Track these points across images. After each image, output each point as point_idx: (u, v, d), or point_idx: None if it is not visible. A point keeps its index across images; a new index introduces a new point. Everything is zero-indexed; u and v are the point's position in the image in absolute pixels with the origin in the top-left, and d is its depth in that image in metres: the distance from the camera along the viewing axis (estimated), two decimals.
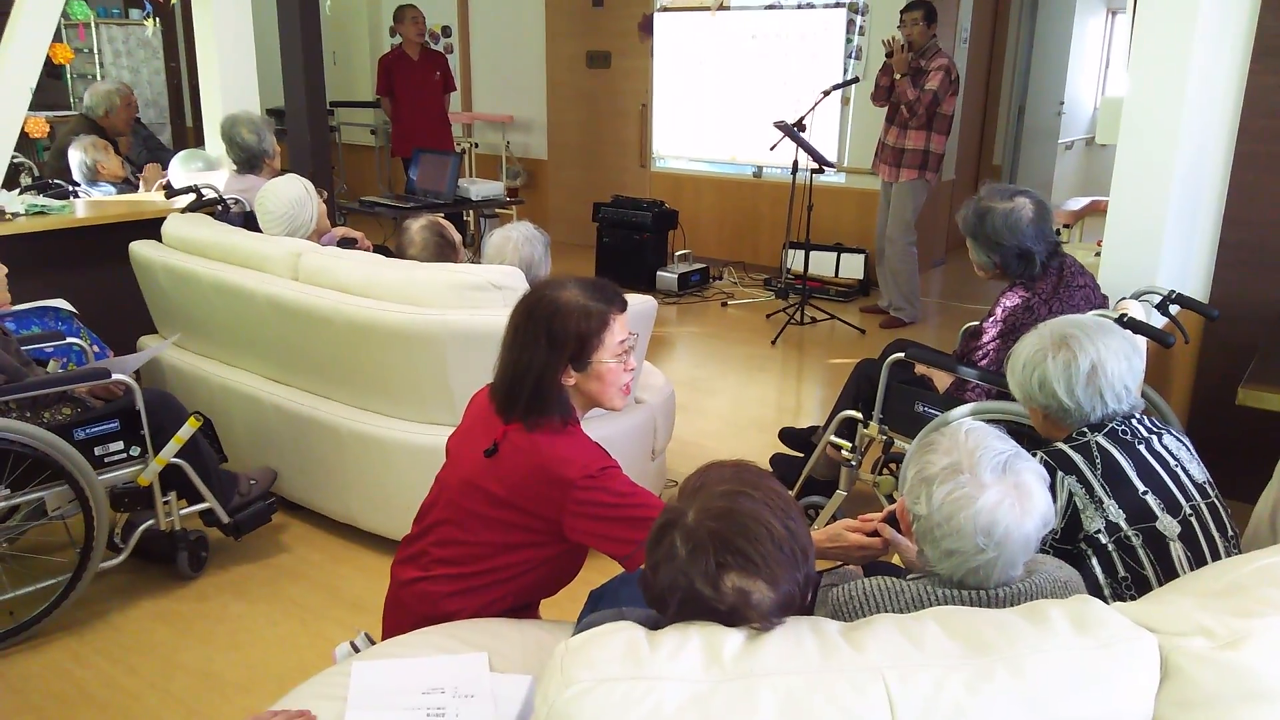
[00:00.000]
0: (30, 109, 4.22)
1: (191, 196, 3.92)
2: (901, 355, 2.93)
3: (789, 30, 6.82)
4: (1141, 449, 1.87)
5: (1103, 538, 1.81)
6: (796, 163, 5.81)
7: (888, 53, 5.70)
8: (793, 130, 5.65)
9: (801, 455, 3.60)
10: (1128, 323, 2.45)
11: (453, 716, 1.65)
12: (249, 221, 3.72)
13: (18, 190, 4.49)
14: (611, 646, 1.19)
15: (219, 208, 3.84)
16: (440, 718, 1.65)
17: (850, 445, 3.11)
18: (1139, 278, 3.07)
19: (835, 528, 1.87)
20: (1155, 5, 3.01)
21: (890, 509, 1.82)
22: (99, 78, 8.57)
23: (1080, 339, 1.91)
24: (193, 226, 3.63)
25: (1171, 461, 1.88)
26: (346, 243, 3.71)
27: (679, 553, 1.26)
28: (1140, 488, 1.83)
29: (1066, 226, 5.03)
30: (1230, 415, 2.81)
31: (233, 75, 4.87)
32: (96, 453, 2.77)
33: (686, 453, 4.01)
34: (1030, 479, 1.46)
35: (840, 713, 1.12)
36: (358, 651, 1.97)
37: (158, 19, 4.95)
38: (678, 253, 6.89)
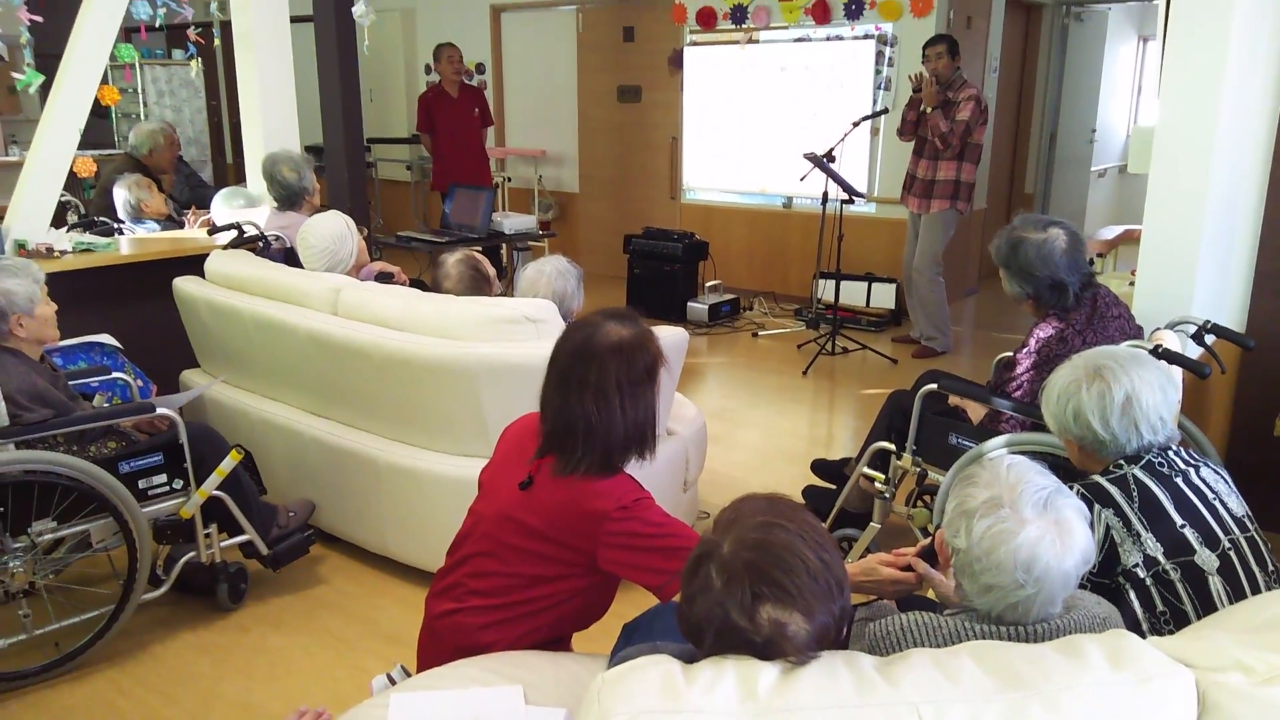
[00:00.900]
0: (77, 148, 4.34)
1: (233, 233, 4.01)
2: (934, 386, 2.93)
3: (818, 62, 6.87)
4: (1179, 482, 1.86)
5: (1140, 572, 1.80)
6: (826, 193, 5.83)
7: (915, 88, 5.73)
8: (823, 161, 5.68)
9: (834, 487, 3.59)
10: (1163, 353, 2.43)
11: None
12: (290, 258, 3.79)
13: (65, 228, 4.61)
14: (648, 680, 1.20)
15: (260, 244, 3.92)
16: None
17: (884, 477, 3.09)
18: (1173, 307, 3.05)
19: (868, 561, 1.87)
20: (1186, 32, 3.00)
21: (925, 543, 1.81)
22: (143, 117, 8.79)
23: (1114, 370, 1.91)
24: (235, 263, 3.71)
25: (1209, 494, 1.86)
26: (383, 277, 3.77)
27: (714, 584, 1.27)
28: (1178, 521, 1.81)
29: (1100, 256, 5.00)
30: (1268, 446, 2.77)
31: (274, 114, 4.98)
32: (140, 486, 2.83)
33: (718, 484, 4.01)
34: (1071, 515, 1.45)
35: None
36: (394, 684, 1.99)
37: (199, 59, 5.06)
38: (708, 283, 6.92)
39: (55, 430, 2.71)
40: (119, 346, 3.76)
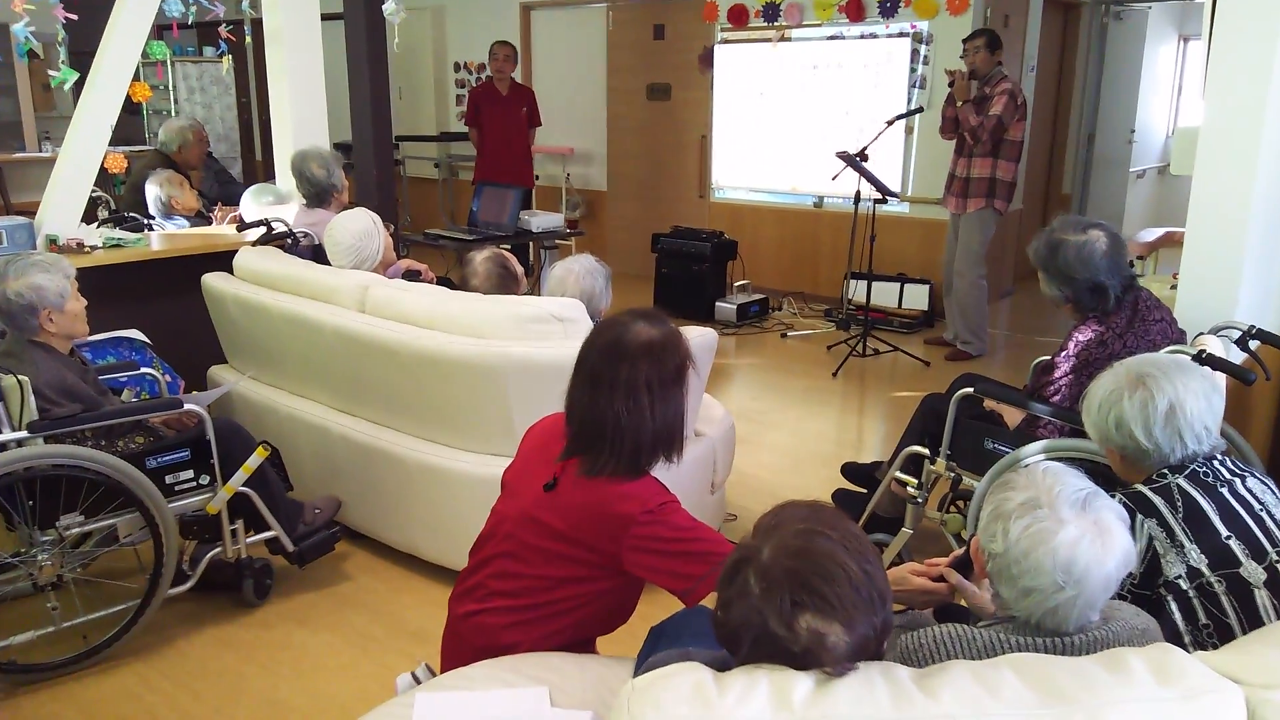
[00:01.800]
0: (109, 145, 4.37)
1: (262, 230, 4.02)
2: (970, 390, 2.88)
3: (851, 60, 6.81)
4: (1224, 492, 1.81)
5: (1183, 583, 1.75)
6: (859, 193, 5.78)
7: (950, 82, 5.67)
8: (855, 160, 5.63)
9: (865, 491, 3.55)
10: (1206, 359, 2.38)
11: None
12: (318, 255, 3.80)
13: (96, 224, 4.65)
14: (679, 688, 1.17)
15: (289, 241, 3.93)
16: None
17: (916, 482, 3.05)
18: (1217, 312, 2.98)
19: (899, 571, 1.83)
20: (1233, 31, 2.94)
21: (957, 553, 1.77)
22: (173, 113, 8.89)
23: (1157, 378, 1.86)
24: (263, 259, 3.72)
25: (1256, 505, 1.81)
26: (411, 275, 3.76)
27: (753, 590, 1.24)
28: (1223, 532, 1.76)
29: (1140, 258, 4.91)
30: None
31: (303, 111, 4.99)
32: (167, 481, 2.83)
33: (746, 486, 3.97)
34: (1109, 517, 1.42)
35: None
36: (419, 682, 1.98)
37: (229, 56, 5.09)
38: (737, 283, 6.88)
39: (84, 425, 2.73)
40: (148, 342, 3.79)
